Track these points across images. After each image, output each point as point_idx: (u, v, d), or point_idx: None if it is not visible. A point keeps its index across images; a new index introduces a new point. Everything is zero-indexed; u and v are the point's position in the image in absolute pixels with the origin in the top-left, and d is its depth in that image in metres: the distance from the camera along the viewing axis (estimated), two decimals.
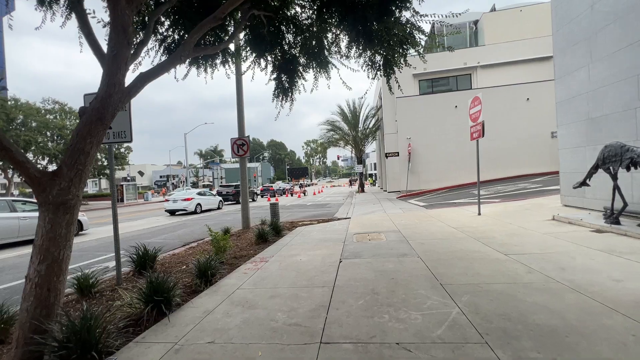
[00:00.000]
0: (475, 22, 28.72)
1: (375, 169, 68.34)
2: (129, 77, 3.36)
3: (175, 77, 5.67)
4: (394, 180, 26.88)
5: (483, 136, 8.86)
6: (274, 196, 34.23)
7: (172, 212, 17.95)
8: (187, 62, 6.69)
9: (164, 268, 5.55)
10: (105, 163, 37.70)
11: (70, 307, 3.96)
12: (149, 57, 5.20)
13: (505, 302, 3.03)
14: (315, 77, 7.28)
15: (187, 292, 4.12)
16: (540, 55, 23.38)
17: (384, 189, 31.29)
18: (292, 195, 34.03)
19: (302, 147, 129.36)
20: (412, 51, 6.96)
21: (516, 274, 3.81)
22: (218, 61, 6.84)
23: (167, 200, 18.17)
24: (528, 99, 18.77)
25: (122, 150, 40.05)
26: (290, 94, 7.54)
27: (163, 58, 5.32)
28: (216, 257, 5.06)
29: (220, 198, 21.81)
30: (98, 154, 35.98)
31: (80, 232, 11.20)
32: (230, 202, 25.05)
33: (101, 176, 41.16)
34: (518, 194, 12.05)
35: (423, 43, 6.53)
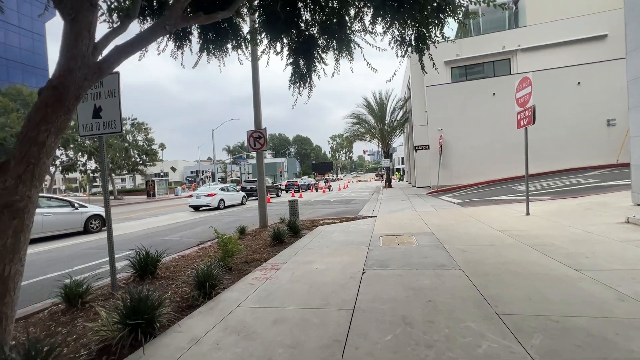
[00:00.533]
0: (516, 2, 26.23)
1: (403, 164, 66.15)
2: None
3: (158, 50, 5.09)
4: (423, 174, 25.43)
5: (533, 123, 7.64)
6: (298, 191, 33.82)
7: (196, 208, 17.94)
8: (196, 48, 6.12)
9: (169, 272, 5.04)
10: (139, 160, 39.23)
11: (54, 319, 3.50)
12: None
13: (601, 352, 2.09)
14: (336, 59, 6.47)
15: (182, 307, 3.52)
16: (592, 34, 20.84)
17: (413, 184, 29.81)
18: (316, 191, 33.44)
19: (328, 142, 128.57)
20: (447, 27, 5.96)
21: (603, 302, 2.82)
22: (230, 46, 6.21)
23: (190, 196, 18.18)
24: (579, 83, 16.66)
25: (154, 147, 41.38)
26: (308, 80, 6.78)
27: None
28: (220, 264, 4.45)
29: (243, 194, 21.63)
30: (132, 151, 37.42)
31: (103, 228, 11.21)
32: (254, 198, 24.86)
33: (135, 172, 42.88)
34: (571, 191, 10.52)
35: (464, 9, 5.49)
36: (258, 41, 6.24)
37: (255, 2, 5.73)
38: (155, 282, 4.53)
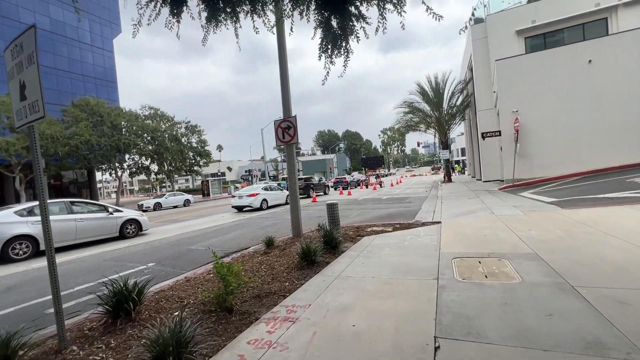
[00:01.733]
0: None
1: (462, 155, 60.15)
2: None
3: (149, 20, 3.72)
4: (491, 166, 21.88)
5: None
6: (347, 188, 32.04)
7: (239, 209, 17.27)
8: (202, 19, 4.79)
9: (158, 308, 3.74)
10: (193, 161, 41.02)
11: None
12: None
13: None
14: (381, 12, 4.59)
15: None
16: None
17: (477, 178, 26.06)
18: (367, 187, 31.30)
19: (379, 135, 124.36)
20: None
21: None
22: (242, 11, 4.71)
23: (233, 197, 17.57)
24: None
25: (208, 148, 42.90)
26: (343, 43, 5.00)
27: None
28: (213, 305, 2.95)
29: (287, 192, 20.53)
30: (186, 152, 39.12)
31: (140, 233, 10.77)
32: (301, 197, 23.76)
33: (191, 173, 45.14)
34: None
35: None
36: None
37: None
38: (126, 331, 3.21)
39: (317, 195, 23.71)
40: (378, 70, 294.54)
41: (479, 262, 4.13)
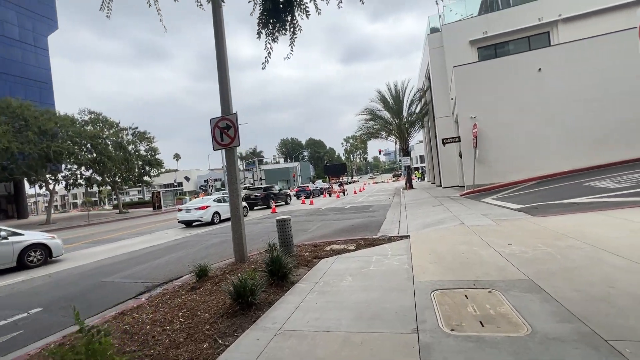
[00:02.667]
0: None
1: (421, 162, 62.20)
2: None
3: None
4: (451, 172, 22.08)
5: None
6: (309, 197, 30.96)
7: (188, 224, 15.33)
8: None
9: None
10: (142, 170, 37.45)
11: None
12: None
13: None
14: None
15: None
16: None
17: (437, 184, 26.37)
18: (330, 196, 30.46)
19: (342, 143, 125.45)
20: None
21: None
22: None
23: (180, 210, 15.57)
24: None
25: (159, 156, 39.47)
26: (288, 17, 3.92)
27: None
28: None
29: (244, 204, 18.91)
30: (134, 161, 35.60)
31: (49, 260, 8.65)
32: (260, 207, 22.17)
33: (141, 184, 41.32)
34: None
35: None
36: None
37: None
38: None
39: (277, 206, 22.28)
40: (340, 80, 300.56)
41: (466, 297, 3.15)
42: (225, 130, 5.58)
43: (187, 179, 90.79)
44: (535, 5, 19.91)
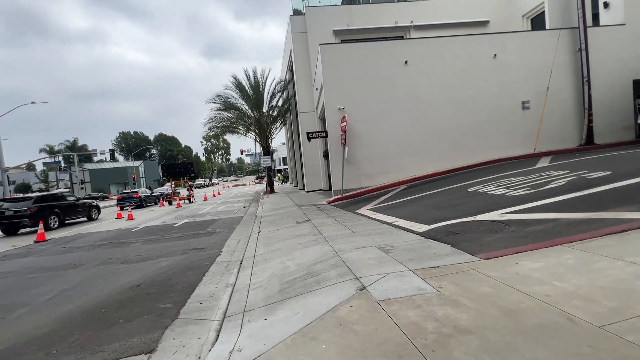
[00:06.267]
0: None
1: (284, 164, 60.69)
2: None
3: None
4: (315, 175, 19.57)
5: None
6: (142, 206, 22.89)
7: None
8: None
9: None
10: None
11: None
12: None
13: None
14: None
15: None
16: (477, 18, 19.25)
17: (300, 188, 23.80)
18: (170, 204, 23.35)
19: (201, 142, 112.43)
20: None
21: None
22: None
23: None
24: (495, 55, 13.62)
25: None
26: None
27: None
28: None
29: None
30: None
31: None
32: (28, 230, 13.36)
33: None
34: (593, 200, 5.72)
35: None
36: None
37: None
38: None
39: (71, 224, 14.15)
40: (203, 75, 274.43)
41: None
42: None
43: None
44: (393, 7, 19.74)
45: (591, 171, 7.25)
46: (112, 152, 38.37)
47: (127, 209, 17.21)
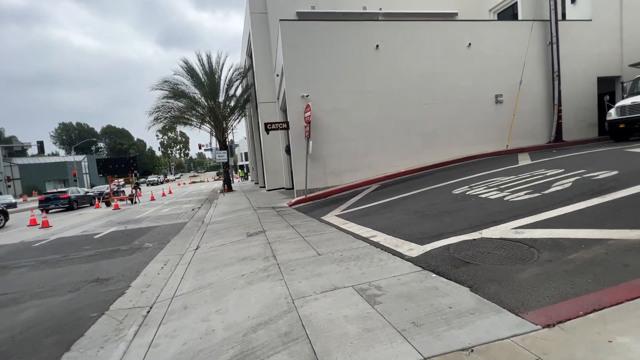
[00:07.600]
0: None
1: (246, 159, 57.53)
2: None
3: None
4: (276, 172, 17.73)
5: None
6: (71, 208, 19.41)
7: None
8: None
9: None
10: None
11: None
12: None
13: None
14: None
15: None
16: (446, 10, 18.47)
17: (261, 185, 21.75)
18: (108, 205, 20.13)
19: (157, 136, 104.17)
20: None
21: None
22: None
23: None
24: (470, 44, 12.66)
25: None
26: None
27: None
28: None
29: None
30: None
31: None
32: None
33: None
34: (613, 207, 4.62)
35: None
36: None
37: None
38: None
39: None
40: (160, 64, 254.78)
41: None
42: None
43: None
44: None
45: (592, 170, 6.25)
46: (40, 144, 33.06)
47: (52, 210, 14.07)
